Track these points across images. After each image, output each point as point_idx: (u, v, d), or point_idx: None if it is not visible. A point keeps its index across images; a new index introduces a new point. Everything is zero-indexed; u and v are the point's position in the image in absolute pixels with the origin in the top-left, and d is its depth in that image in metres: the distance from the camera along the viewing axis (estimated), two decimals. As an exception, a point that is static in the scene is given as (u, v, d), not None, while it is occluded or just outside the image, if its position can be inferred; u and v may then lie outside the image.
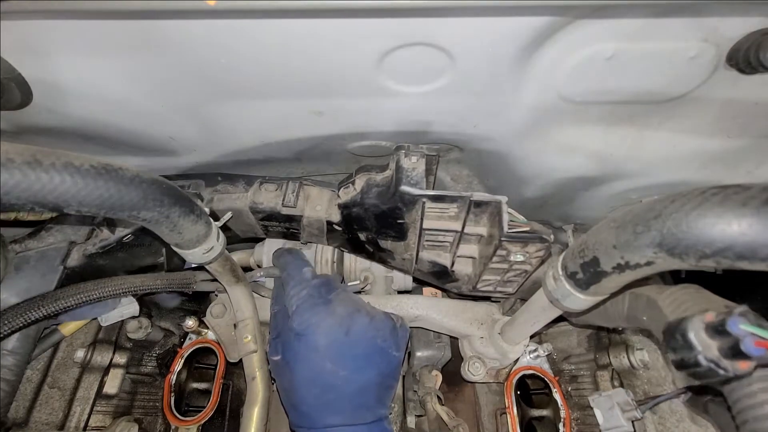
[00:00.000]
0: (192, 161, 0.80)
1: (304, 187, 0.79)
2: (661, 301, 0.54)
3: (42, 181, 0.39)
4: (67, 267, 0.80)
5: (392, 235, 0.74)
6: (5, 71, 0.53)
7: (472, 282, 0.77)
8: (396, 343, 0.69)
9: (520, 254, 0.63)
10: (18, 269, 0.77)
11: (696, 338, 0.39)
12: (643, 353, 0.91)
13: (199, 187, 0.81)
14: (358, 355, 0.65)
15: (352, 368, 0.64)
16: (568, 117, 0.64)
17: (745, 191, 0.36)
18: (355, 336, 0.65)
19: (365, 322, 0.67)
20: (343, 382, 0.63)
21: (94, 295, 0.73)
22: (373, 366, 0.65)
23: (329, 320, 0.65)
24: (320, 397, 0.64)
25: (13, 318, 0.67)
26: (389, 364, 0.68)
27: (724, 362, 0.38)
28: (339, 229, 0.78)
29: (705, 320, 0.39)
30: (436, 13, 0.47)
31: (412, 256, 0.77)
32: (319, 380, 0.64)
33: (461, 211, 0.66)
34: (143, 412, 1.00)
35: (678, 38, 0.51)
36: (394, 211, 0.68)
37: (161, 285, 0.81)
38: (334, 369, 0.63)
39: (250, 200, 0.78)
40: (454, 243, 0.73)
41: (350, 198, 0.73)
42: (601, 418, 0.86)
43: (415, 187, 0.64)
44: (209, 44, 0.52)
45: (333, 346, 0.64)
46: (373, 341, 0.66)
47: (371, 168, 0.74)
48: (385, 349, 0.67)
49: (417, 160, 0.67)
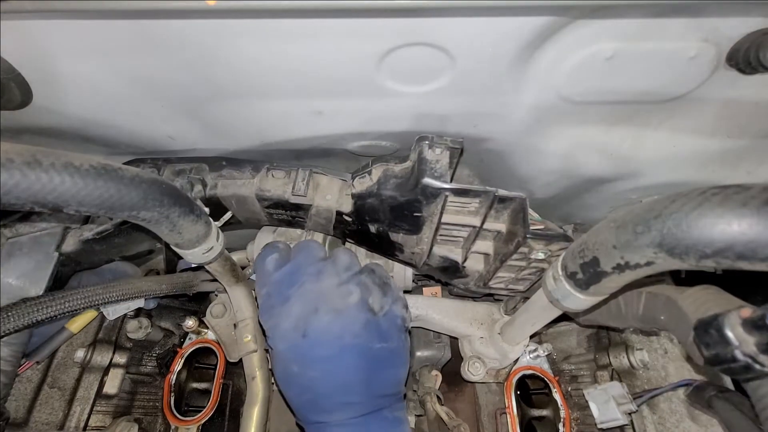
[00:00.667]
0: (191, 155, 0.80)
1: (315, 176, 0.76)
2: (681, 301, 0.54)
3: (42, 181, 0.39)
4: (62, 253, 0.77)
5: (405, 229, 0.72)
6: (5, 71, 0.53)
7: (484, 279, 0.76)
8: (378, 334, 0.61)
9: (542, 252, 0.63)
10: (10, 255, 0.74)
11: (733, 333, 0.38)
12: (643, 353, 0.91)
13: (202, 172, 0.77)
14: (322, 356, 0.59)
15: (321, 370, 0.59)
16: (568, 117, 0.64)
17: (746, 191, 0.36)
18: (314, 337, 0.59)
19: (326, 321, 0.59)
20: (315, 383, 0.59)
21: (101, 299, 0.73)
22: (345, 365, 0.59)
23: (285, 323, 0.60)
24: (300, 397, 0.61)
25: (17, 317, 0.66)
26: (374, 357, 0.61)
27: (761, 357, 0.37)
28: (349, 219, 0.75)
29: (741, 315, 0.39)
30: (436, 13, 0.47)
31: (424, 250, 0.75)
32: (292, 382, 0.61)
33: (482, 206, 0.65)
34: (143, 412, 1.00)
35: (678, 38, 0.51)
36: (413, 204, 0.66)
37: (166, 289, 0.81)
38: (301, 371, 0.59)
39: (257, 187, 0.74)
40: (469, 239, 0.72)
41: (365, 188, 0.70)
42: (597, 412, 0.86)
43: (439, 180, 0.62)
44: (209, 44, 0.52)
45: (292, 351, 0.60)
46: (338, 341, 0.59)
47: (389, 159, 0.72)
48: (358, 345, 0.60)
49: (441, 152, 0.64)
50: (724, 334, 0.39)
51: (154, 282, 0.80)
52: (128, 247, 0.87)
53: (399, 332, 0.66)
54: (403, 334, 0.67)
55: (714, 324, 0.40)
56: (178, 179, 0.75)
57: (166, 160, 0.78)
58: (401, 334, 0.66)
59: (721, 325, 0.39)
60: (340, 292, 0.62)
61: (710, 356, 0.40)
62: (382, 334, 0.62)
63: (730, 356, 0.38)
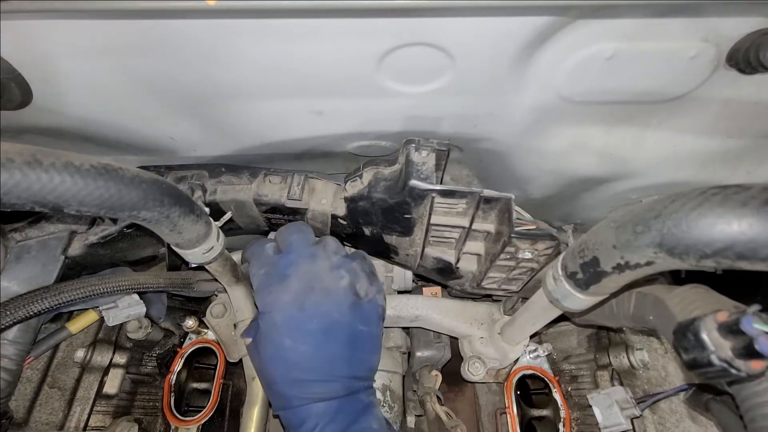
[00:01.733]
0: (192, 161, 0.80)
1: (309, 180, 0.78)
2: (669, 300, 0.54)
3: (42, 181, 0.39)
4: (68, 257, 0.79)
5: (398, 231, 0.73)
6: (5, 71, 0.53)
7: (477, 279, 0.76)
8: (361, 317, 0.67)
9: (529, 251, 0.64)
10: (18, 258, 0.76)
11: (709, 338, 0.38)
12: (643, 353, 0.91)
13: (203, 178, 0.79)
14: (314, 330, 0.64)
15: (311, 343, 0.64)
16: (568, 117, 0.64)
17: (746, 191, 0.36)
18: (309, 311, 0.64)
19: (320, 297, 0.65)
20: (304, 358, 0.63)
21: (96, 290, 0.73)
22: (333, 340, 0.65)
23: (284, 297, 0.65)
24: (286, 375, 0.64)
25: (14, 310, 0.67)
26: (356, 338, 0.66)
27: (737, 362, 0.37)
28: (344, 222, 0.77)
29: (718, 320, 0.39)
30: (436, 13, 0.47)
31: (417, 252, 0.76)
32: (282, 358, 0.64)
33: (470, 207, 0.65)
34: (143, 412, 1.00)
35: (678, 38, 0.51)
36: (402, 206, 0.67)
37: (163, 284, 0.80)
38: (293, 345, 0.63)
39: (255, 192, 0.77)
40: (460, 239, 0.72)
41: (357, 191, 0.72)
42: (600, 416, 0.86)
43: (425, 182, 0.63)
44: (209, 44, 0.52)
45: (289, 323, 0.64)
46: (328, 316, 0.65)
47: (379, 161, 0.73)
48: (344, 324, 0.65)
49: (427, 154, 0.67)
50: (700, 338, 0.39)
51: (152, 276, 0.79)
52: (132, 252, 0.88)
53: (378, 320, 0.72)
54: (380, 323, 0.73)
55: (691, 328, 0.40)
56: (180, 185, 0.76)
57: (168, 167, 0.81)
58: (379, 321, 0.72)
59: (697, 329, 0.39)
60: (332, 275, 0.68)
61: (688, 360, 0.40)
62: (365, 318, 0.68)
63: (706, 361, 0.38)
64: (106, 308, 0.91)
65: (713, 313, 0.39)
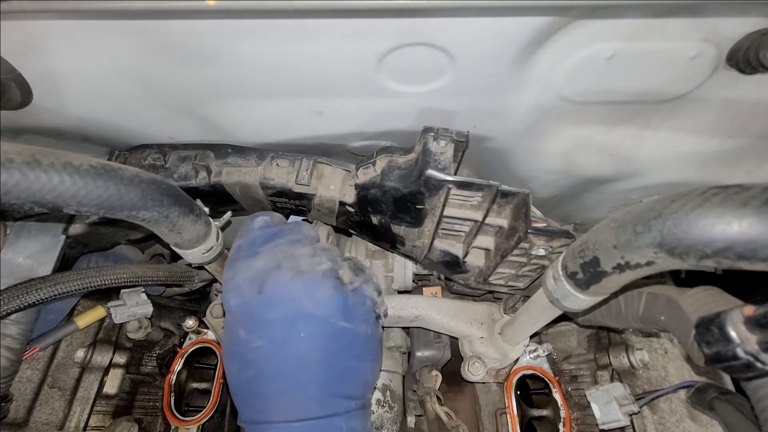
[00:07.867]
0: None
1: (318, 165, 0.76)
2: (682, 301, 0.54)
3: (41, 181, 0.39)
4: (69, 236, 0.77)
5: (408, 221, 0.72)
6: (5, 71, 0.53)
7: (484, 274, 0.76)
8: (343, 310, 0.52)
9: (543, 248, 0.63)
10: (18, 236, 0.74)
11: (735, 331, 0.38)
12: (643, 353, 0.91)
13: (207, 159, 0.76)
14: (274, 320, 0.49)
15: (269, 338, 0.49)
16: (568, 117, 0.64)
17: (746, 191, 0.35)
18: (269, 295, 0.50)
19: (286, 278, 0.50)
20: (260, 357, 0.49)
21: (95, 282, 0.72)
22: (303, 338, 0.49)
23: (243, 274, 0.52)
24: (239, 376, 0.51)
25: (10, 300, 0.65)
26: (334, 338, 0.51)
27: (763, 356, 0.37)
28: (352, 210, 0.75)
29: (744, 313, 0.39)
30: (436, 13, 0.47)
31: (425, 243, 0.75)
32: (236, 353, 0.51)
33: (485, 200, 0.64)
34: (143, 412, 1.00)
35: (678, 38, 0.51)
36: (415, 196, 0.66)
37: (163, 276, 0.80)
38: (247, 338, 0.50)
39: (261, 175, 0.74)
40: (471, 233, 0.71)
41: (369, 179, 0.70)
42: (599, 413, 0.86)
43: (443, 172, 0.62)
44: (209, 44, 0.52)
45: (244, 308, 0.51)
46: (296, 303, 0.49)
47: (393, 150, 0.72)
48: (319, 316, 0.50)
49: (446, 144, 0.65)
50: (725, 331, 0.38)
51: (152, 269, 0.78)
52: (134, 231, 0.86)
53: (367, 315, 0.56)
54: (372, 320, 0.57)
55: (716, 321, 0.39)
56: (183, 165, 0.74)
57: (171, 146, 0.78)
58: (370, 318, 0.57)
59: (723, 322, 0.39)
60: (310, 260, 0.54)
61: (711, 354, 0.40)
62: (348, 311, 0.52)
63: (731, 354, 0.38)
64: (114, 305, 0.91)
65: (739, 307, 0.39)
